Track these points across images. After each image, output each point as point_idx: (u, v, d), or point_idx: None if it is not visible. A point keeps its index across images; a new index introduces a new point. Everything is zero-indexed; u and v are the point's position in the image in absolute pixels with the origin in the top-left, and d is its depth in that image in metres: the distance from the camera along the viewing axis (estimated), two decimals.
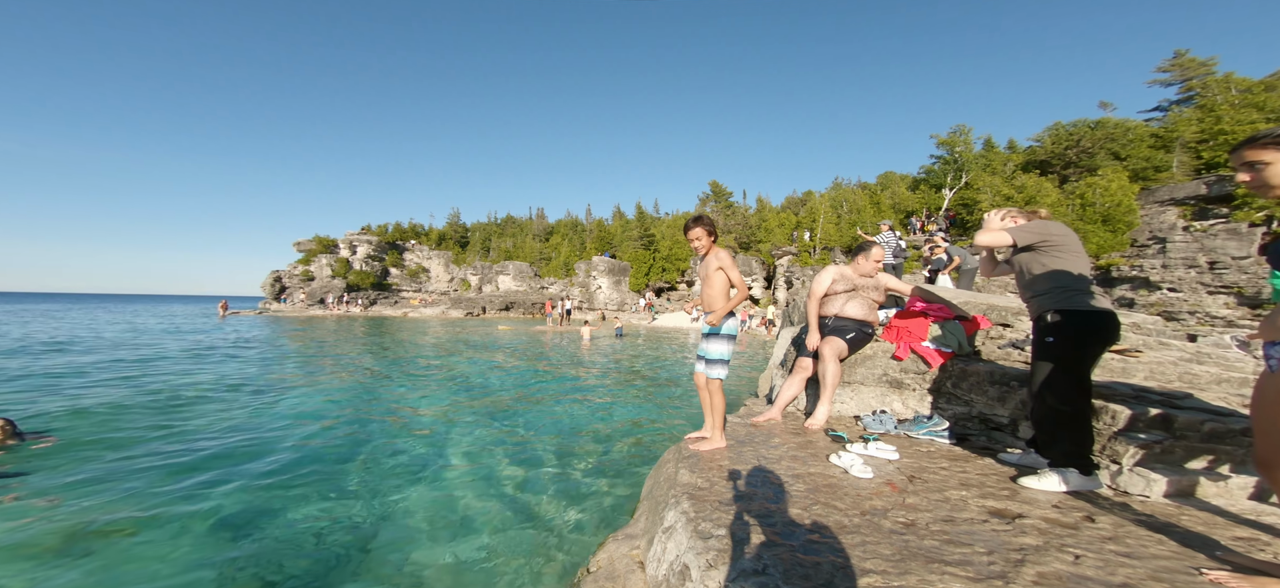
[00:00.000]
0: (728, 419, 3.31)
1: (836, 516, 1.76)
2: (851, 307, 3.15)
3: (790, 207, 37.80)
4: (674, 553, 1.97)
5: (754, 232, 36.16)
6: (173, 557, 2.77)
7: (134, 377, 8.62)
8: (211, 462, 4.37)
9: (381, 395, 7.76)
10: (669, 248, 37.60)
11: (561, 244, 46.76)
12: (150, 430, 5.29)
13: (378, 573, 2.69)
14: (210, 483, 3.84)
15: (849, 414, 3.23)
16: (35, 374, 8.46)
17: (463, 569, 2.76)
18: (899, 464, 2.29)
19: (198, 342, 15.05)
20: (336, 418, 6.21)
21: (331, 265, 40.19)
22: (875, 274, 3.29)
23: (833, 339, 3.01)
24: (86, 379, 8.14)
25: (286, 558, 2.79)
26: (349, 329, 22.08)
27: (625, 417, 6.65)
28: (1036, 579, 1.35)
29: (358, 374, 9.79)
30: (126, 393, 7.14)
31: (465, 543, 3.01)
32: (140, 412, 6.11)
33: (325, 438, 5.31)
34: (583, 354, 13.72)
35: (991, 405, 2.83)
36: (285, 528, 3.16)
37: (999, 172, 26.91)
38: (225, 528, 3.14)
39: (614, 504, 3.66)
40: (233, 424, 5.69)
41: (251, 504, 3.49)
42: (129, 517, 3.20)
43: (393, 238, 48.08)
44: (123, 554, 2.79)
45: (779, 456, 2.45)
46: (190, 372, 9.40)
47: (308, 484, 3.89)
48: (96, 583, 2.53)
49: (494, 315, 35.23)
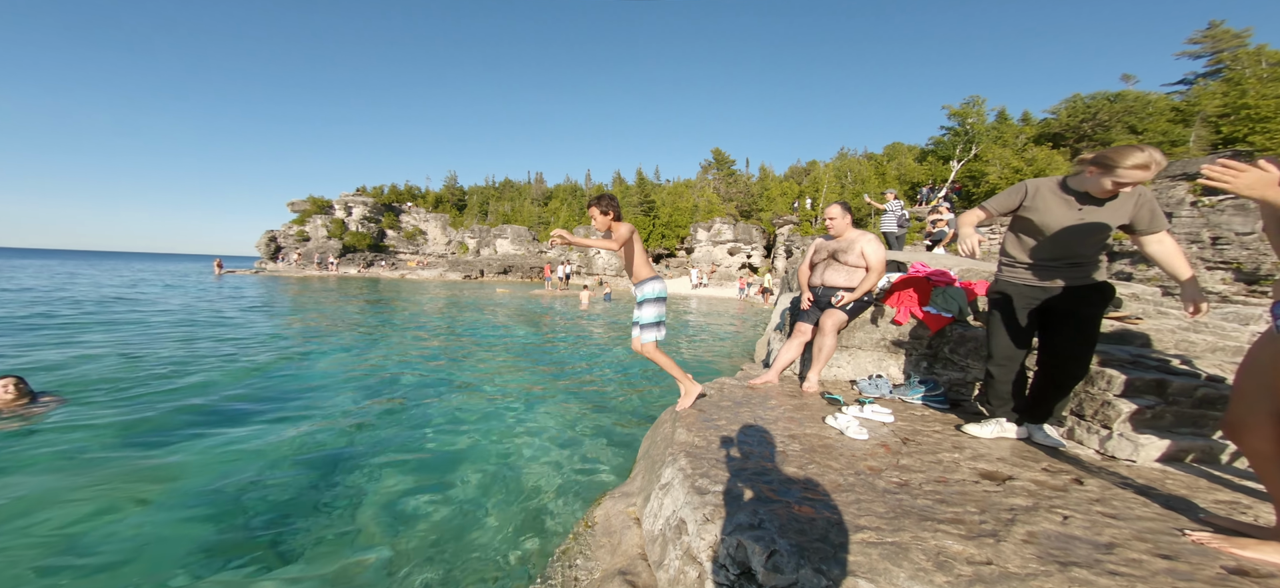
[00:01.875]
0: (725, 382, 3.35)
1: (831, 475, 1.80)
2: (830, 274, 3.12)
3: (793, 176, 37.20)
4: (670, 508, 2.02)
5: (755, 200, 35.72)
6: (188, 500, 2.85)
7: (137, 332, 8.64)
8: (213, 411, 4.44)
9: (379, 351, 7.83)
10: (669, 214, 37.18)
11: (560, 209, 46.15)
12: (160, 383, 5.35)
13: (367, 527, 2.74)
14: (209, 431, 3.92)
15: (845, 378, 3.26)
16: (43, 328, 8.47)
17: (457, 524, 2.84)
18: (893, 427, 2.33)
19: (198, 298, 15.08)
20: (339, 372, 6.28)
21: (327, 226, 39.68)
22: (842, 234, 3.17)
23: (832, 312, 3.00)
24: (91, 334, 8.16)
25: (263, 508, 2.86)
26: (346, 289, 22.07)
27: (622, 378, 6.74)
28: (1026, 538, 1.39)
29: (353, 330, 9.85)
30: (131, 348, 7.18)
31: (460, 498, 3.08)
32: (147, 365, 6.16)
33: (324, 393, 5.38)
34: (581, 318, 13.83)
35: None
36: (273, 479, 3.23)
37: (1010, 144, 26.35)
38: (228, 472, 3.23)
39: (609, 463, 3.75)
40: (235, 377, 5.76)
41: (243, 452, 3.57)
42: (144, 467, 3.27)
43: (389, 199, 47.25)
44: (143, 500, 2.86)
45: (775, 417, 2.49)
46: (191, 327, 9.44)
47: (302, 438, 3.97)
48: (123, 529, 2.61)
49: (492, 279, 35.17)
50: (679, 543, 1.82)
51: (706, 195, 37.11)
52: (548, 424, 4.59)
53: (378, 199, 45.53)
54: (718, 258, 32.34)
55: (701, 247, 32.99)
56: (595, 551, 2.28)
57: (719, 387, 3.18)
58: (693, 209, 36.87)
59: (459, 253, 44.12)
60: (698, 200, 37.25)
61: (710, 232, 32.85)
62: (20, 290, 14.12)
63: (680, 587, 1.72)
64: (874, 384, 2.84)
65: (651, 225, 37.62)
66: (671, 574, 1.80)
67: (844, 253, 3.09)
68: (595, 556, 2.24)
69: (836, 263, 3.07)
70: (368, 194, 44.94)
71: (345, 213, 42.36)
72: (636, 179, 42.65)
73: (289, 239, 38.69)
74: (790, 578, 1.33)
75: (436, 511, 2.89)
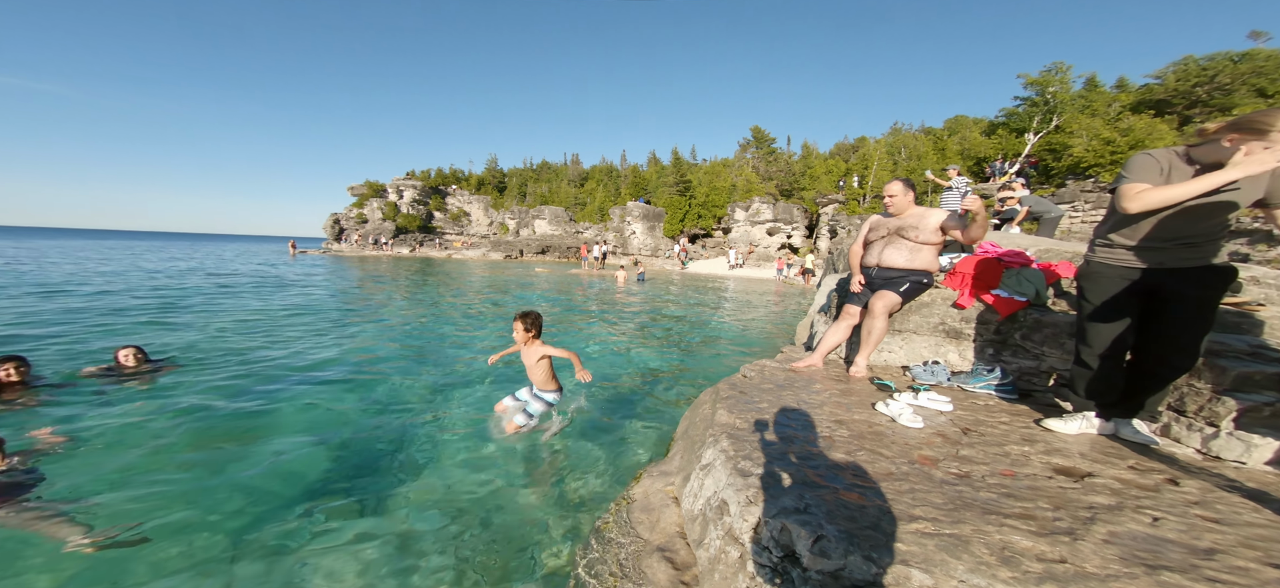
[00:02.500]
0: (766, 365, 3.27)
1: (882, 463, 1.72)
2: (890, 254, 2.92)
3: (840, 153, 35.19)
4: (712, 489, 2.02)
5: (797, 179, 34.21)
6: (289, 450, 3.20)
7: (235, 305, 9.68)
8: (303, 376, 4.90)
9: (434, 327, 8.29)
10: (705, 194, 36.39)
11: (596, 190, 46.32)
12: (261, 350, 5.97)
13: (427, 490, 2.93)
14: (299, 392, 4.34)
15: (897, 364, 3.09)
16: (151, 303, 9.66)
17: (504, 492, 2.97)
18: (952, 416, 2.18)
19: (280, 275, 16.74)
20: (398, 344, 6.74)
21: (382, 209, 42.09)
22: (905, 212, 2.95)
23: (885, 294, 2.82)
24: (197, 308, 9.21)
25: (340, 464, 3.14)
26: (403, 267, 23.53)
27: (658, 359, 6.77)
28: (1108, 538, 1.27)
29: (417, 307, 10.49)
30: (233, 319, 8.09)
31: (506, 468, 3.20)
32: (250, 334, 6.90)
33: (384, 364, 5.79)
34: (618, 297, 13.97)
35: (1068, 359, 2.60)
36: (349, 439, 3.52)
37: (1100, 113, 23.47)
38: (326, 426, 3.58)
39: (647, 442, 3.80)
40: (320, 346, 6.32)
41: (329, 408, 3.93)
42: (238, 425, 3.68)
43: (435, 183, 49.31)
44: (235, 452, 3.24)
45: (820, 401, 2.40)
46: (280, 300, 10.53)
47: (374, 404, 4.30)
48: (219, 476, 2.96)
49: (531, 258, 36.13)
50: (720, 523, 1.81)
51: (745, 174, 35.92)
52: (585, 402, 4.71)
53: (425, 182, 47.63)
54: (756, 238, 31.43)
55: (739, 227, 32.15)
56: (634, 526, 2.33)
57: (759, 369, 3.11)
58: (730, 189, 35.85)
59: (500, 233, 45.55)
60: (736, 180, 36.15)
61: (748, 211, 31.90)
62: (151, 272, 16.09)
63: (721, 565, 1.72)
64: (930, 371, 2.67)
65: (687, 205, 37.03)
66: (712, 553, 1.80)
67: (911, 230, 2.88)
68: (634, 531, 2.28)
69: (901, 240, 2.87)
70: (416, 178, 47.09)
71: (397, 196, 44.70)
72: (672, 159, 41.88)
73: (350, 221, 41.44)
74: (838, 563, 1.29)
75: (486, 478, 3.04)
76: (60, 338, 6.31)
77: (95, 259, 20.88)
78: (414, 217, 43.57)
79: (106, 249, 31.76)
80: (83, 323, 7.38)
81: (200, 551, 2.28)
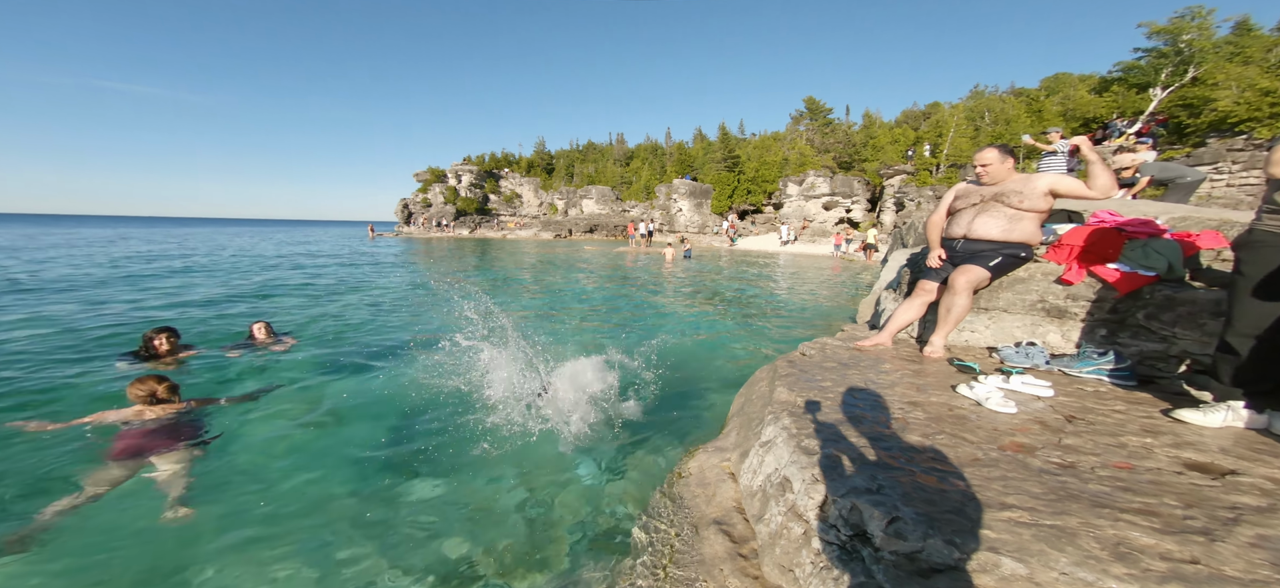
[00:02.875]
0: (827, 342, 3.12)
1: (965, 448, 1.59)
2: (982, 223, 2.60)
3: (908, 121, 32.13)
4: (772, 466, 1.98)
5: (857, 150, 31.82)
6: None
7: (331, 285, 10.89)
8: (395, 349, 5.44)
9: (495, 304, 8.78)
10: (755, 169, 34.92)
11: (641, 168, 46.03)
12: (364, 325, 6.70)
13: (497, 459, 3.13)
14: (391, 364, 4.82)
15: (980, 345, 2.81)
16: (269, 281, 11.08)
17: (562, 462, 3.10)
18: (1052, 402, 1.96)
19: (366, 254, 18.91)
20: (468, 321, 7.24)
21: (443, 193, 44.69)
22: (1005, 179, 2.60)
23: (971, 269, 2.54)
24: (299, 288, 10.43)
25: (422, 432, 3.44)
26: (464, 248, 25.09)
27: (708, 337, 6.70)
28: (1255, 541, 1.09)
29: (482, 284, 11.20)
30: (332, 295, 9.17)
31: (559, 446, 3.27)
32: (352, 311, 7.74)
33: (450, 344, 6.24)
34: (665, 275, 13.94)
35: (1208, 343, 2.22)
36: (431, 407, 3.85)
37: (1256, 60, 19.51)
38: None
39: (699, 419, 3.80)
40: (407, 320, 6.96)
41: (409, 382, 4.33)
42: (341, 391, 4.16)
43: (489, 167, 51.38)
44: (339, 415, 3.67)
45: (891, 381, 2.26)
46: (372, 278, 11.86)
47: (453, 374, 4.66)
48: (325, 434, 3.39)
49: (579, 237, 36.87)
50: (782, 500, 1.78)
51: (798, 147, 33.94)
52: (636, 377, 4.79)
53: (480, 167, 49.75)
54: (810, 213, 29.83)
55: (792, 202, 30.64)
56: (690, 500, 2.35)
57: (820, 347, 2.98)
58: (782, 163, 34.10)
59: (550, 214, 46.79)
60: (788, 153, 34.28)
61: (802, 185, 30.26)
62: (258, 255, 18.48)
63: (783, 541, 1.70)
64: (1024, 353, 2.40)
65: (736, 181, 35.81)
66: (773, 529, 1.78)
67: (1012, 195, 2.56)
68: (690, 504, 2.30)
69: (998, 207, 2.56)
70: (472, 163, 49.30)
71: (456, 180, 47.16)
72: (720, 134, 40.43)
73: (416, 205, 44.45)
74: (915, 546, 1.22)
75: (547, 447, 3.19)
76: (200, 314, 7.42)
77: (225, 241, 24.23)
78: (472, 199, 45.84)
79: (214, 235, 36.49)
80: (214, 301, 8.62)
81: (316, 498, 2.63)
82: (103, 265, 13.15)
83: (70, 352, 5.07)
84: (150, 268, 12.96)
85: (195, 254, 17.74)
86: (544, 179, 52.76)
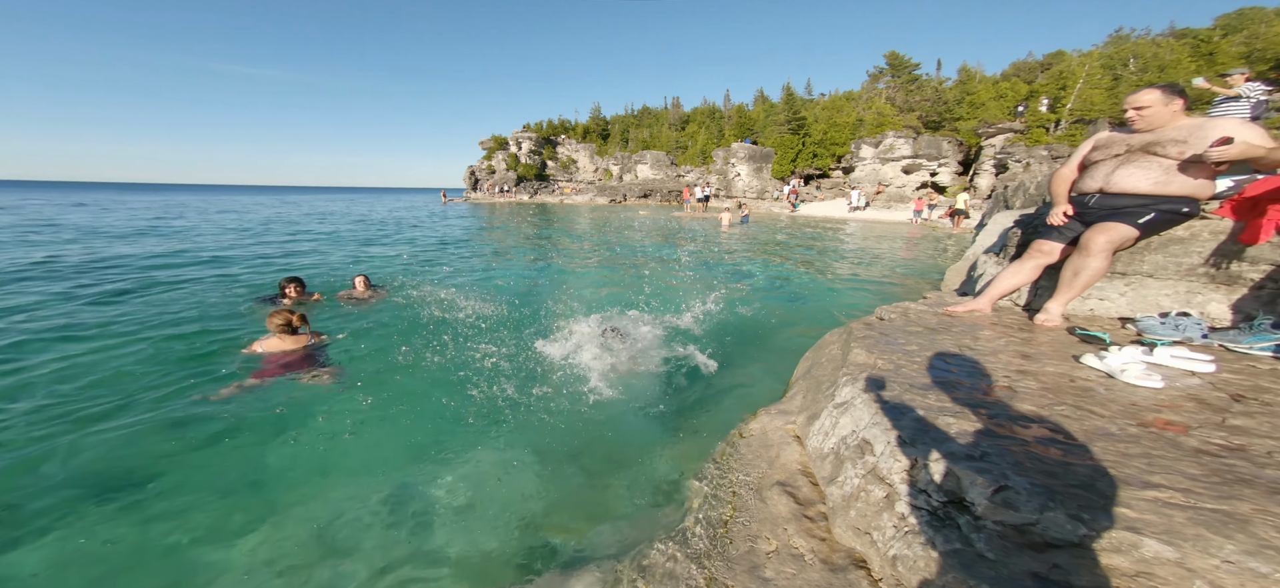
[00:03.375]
0: (910, 307, 2.86)
1: (1094, 421, 1.39)
2: (1127, 175, 2.17)
3: (1020, 73, 27.78)
4: (848, 428, 1.88)
5: (950, 107, 28.28)
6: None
7: (416, 243, 11.93)
8: (475, 298, 5.88)
9: (549, 271, 9.10)
10: (822, 131, 32.30)
11: (698, 132, 44.43)
12: (446, 280, 7.31)
13: (565, 413, 3.27)
14: (471, 312, 5.24)
15: (1111, 315, 2.42)
16: (365, 238, 12.39)
17: (622, 418, 3.16)
18: (1212, 378, 1.64)
19: (439, 217, 20.57)
20: (523, 280, 7.60)
21: (505, 160, 46.35)
22: (1165, 124, 2.12)
23: (1112, 226, 2.14)
24: (392, 244, 11.55)
25: (500, 380, 3.68)
26: (524, 213, 26.16)
27: (764, 300, 6.48)
28: None
29: (538, 246, 11.68)
30: (414, 252, 10.11)
31: (622, 395, 3.37)
32: (437, 267, 8.49)
33: (536, 294, 6.57)
34: (721, 240, 13.57)
35: None
36: (508, 358, 4.11)
37: None
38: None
39: (758, 381, 3.71)
40: (488, 273, 7.50)
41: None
42: (427, 340, 4.58)
43: (547, 134, 52.21)
44: (424, 360, 4.05)
45: (992, 349, 2.03)
46: (448, 237, 12.99)
47: (528, 327, 4.96)
48: (414, 375, 3.76)
49: (634, 202, 36.78)
50: (860, 462, 1.70)
51: (876, 106, 30.73)
52: (691, 338, 4.75)
53: (538, 134, 50.74)
54: (887, 177, 27.29)
55: (865, 165, 28.17)
56: (752, 459, 2.32)
57: (902, 311, 2.74)
58: (855, 124, 31.19)
59: (604, 179, 46.95)
60: (863, 114, 31.21)
61: (878, 147, 27.62)
62: (357, 218, 20.65)
63: (859, 503, 1.63)
64: (1174, 324, 2.02)
65: (800, 144, 33.48)
66: (848, 491, 1.71)
67: (1171, 145, 2.13)
68: (752, 465, 2.27)
69: (1150, 158, 2.13)
70: (531, 130, 50.37)
71: (517, 147, 48.59)
72: (784, 95, 37.57)
73: (482, 172, 46.60)
74: (1027, 517, 1.10)
75: (608, 404, 3.27)
76: (312, 263, 8.52)
77: (325, 207, 27.22)
78: (531, 166, 47.11)
79: (316, 202, 40.91)
80: (323, 255, 9.80)
81: (407, 429, 2.95)
82: (255, 228, 15.25)
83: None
84: (292, 230, 14.86)
85: (308, 220, 20.10)
86: (599, 145, 52.77)
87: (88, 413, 3.02)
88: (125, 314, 5.24)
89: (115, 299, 5.89)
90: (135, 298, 5.97)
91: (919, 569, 1.19)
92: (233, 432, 2.83)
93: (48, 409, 3.05)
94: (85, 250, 9.35)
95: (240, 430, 2.84)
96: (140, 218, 17.72)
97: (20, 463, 2.49)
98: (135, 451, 2.64)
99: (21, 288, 6.27)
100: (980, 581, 1.02)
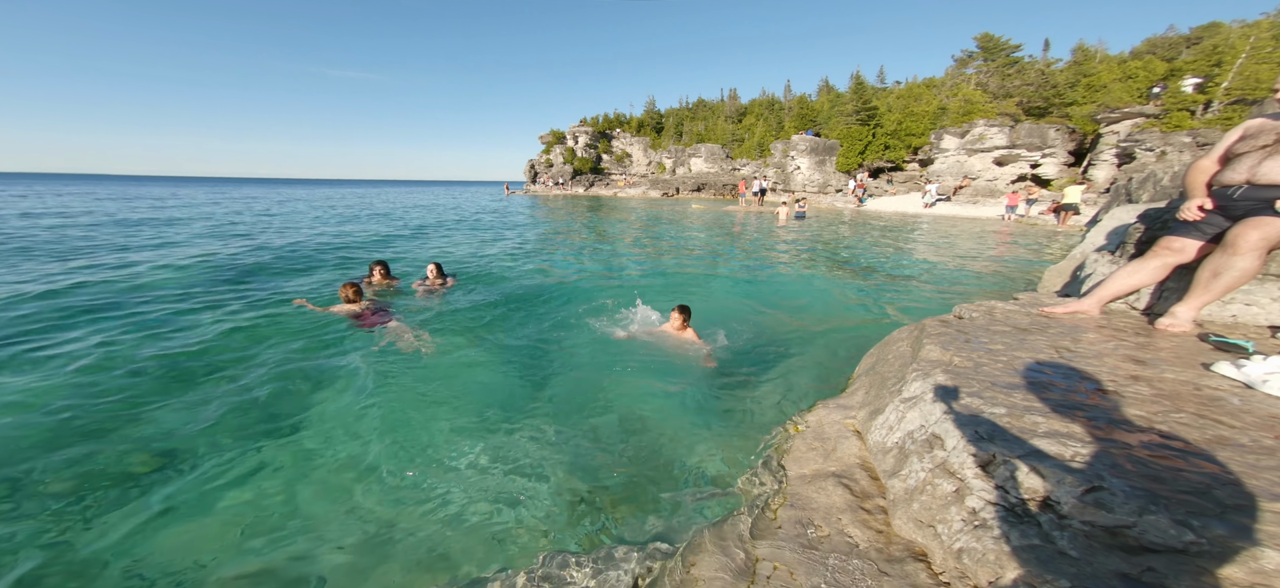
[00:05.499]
0: (996, 305, 2.65)
1: (1220, 430, 1.25)
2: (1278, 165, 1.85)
3: (1157, 50, 23.78)
4: (916, 422, 1.82)
5: (1060, 92, 24.92)
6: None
7: (483, 234, 12.79)
8: (538, 287, 6.32)
9: (599, 260, 9.35)
10: (897, 122, 29.87)
11: (755, 125, 42.94)
12: (508, 269, 7.83)
13: (617, 391, 3.40)
14: (533, 299, 5.64)
15: (1259, 322, 2.10)
16: (420, 234, 13.50)
17: (679, 406, 3.22)
18: None
19: (503, 209, 22.34)
20: (585, 268, 7.89)
21: (563, 154, 47.87)
22: None
23: (1267, 221, 1.85)
24: (458, 239, 12.49)
25: (556, 358, 3.90)
26: (579, 204, 27.08)
27: (822, 298, 6.23)
28: None
29: (589, 237, 12.03)
30: (481, 242, 10.88)
31: (661, 395, 3.40)
32: (501, 257, 9.08)
33: (587, 284, 6.84)
34: (778, 235, 13.11)
35: None
36: (566, 338, 4.35)
37: None
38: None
39: (812, 375, 3.62)
40: (547, 264, 7.95)
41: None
42: (493, 325, 4.95)
43: (602, 128, 53.10)
44: (494, 342, 4.41)
45: (1095, 352, 1.84)
46: (512, 229, 13.83)
47: (587, 307, 5.21)
48: (482, 353, 4.11)
49: (687, 196, 36.45)
50: (928, 457, 1.64)
51: (963, 93, 27.81)
52: (745, 328, 4.70)
53: (594, 128, 51.71)
54: (974, 169, 24.77)
55: (947, 157, 25.76)
56: (807, 452, 2.29)
57: (988, 310, 2.55)
58: (936, 113, 28.50)
59: (658, 172, 46.96)
60: (947, 102, 28.42)
61: (964, 138, 25.10)
62: (425, 206, 22.66)
63: (923, 496, 1.58)
64: None
65: (870, 136, 31.27)
66: (912, 485, 1.66)
67: None
68: (806, 457, 2.25)
69: None
70: (587, 124, 51.47)
71: (573, 141, 49.94)
72: (852, 84, 35.12)
73: (541, 165, 48.50)
74: (1123, 520, 1.03)
75: (664, 396, 3.33)
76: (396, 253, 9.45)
77: (400, 198, 30.01)
78: (587, 159, 48.21)
79: (396, 194, 44.93)
80: (396, 245, 10.83)
81: (466, 408, 3.21)
82: (364, 219, 16.87)
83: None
84: (391, 220, 16.44)
85: (393, 210, 22.30)
86: (653, 138, 52.74)
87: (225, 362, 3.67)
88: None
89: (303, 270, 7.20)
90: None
91: (989, 563, 1.15)
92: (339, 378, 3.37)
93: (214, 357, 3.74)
94: (281, 237, 11.05)
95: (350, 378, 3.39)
96: (287, 208, 20.33)
97: (196, 401, 3.10)
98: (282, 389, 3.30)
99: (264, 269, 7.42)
100: (1060, 576, 0.98)
